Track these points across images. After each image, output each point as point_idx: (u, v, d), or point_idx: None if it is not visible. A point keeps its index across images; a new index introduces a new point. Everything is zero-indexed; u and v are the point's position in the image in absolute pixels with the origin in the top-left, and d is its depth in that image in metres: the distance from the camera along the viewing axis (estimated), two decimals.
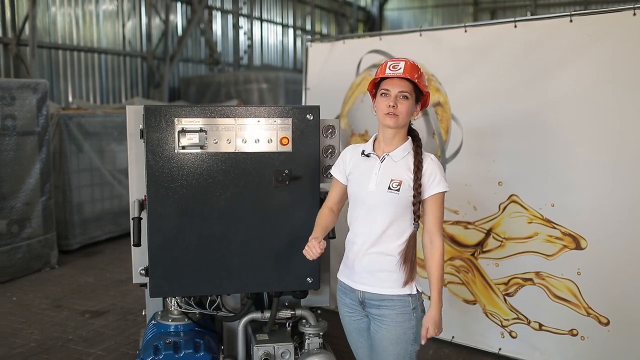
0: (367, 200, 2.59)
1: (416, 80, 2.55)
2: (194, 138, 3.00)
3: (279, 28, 19.28)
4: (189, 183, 3.04)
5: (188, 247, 3.09)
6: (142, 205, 3.19)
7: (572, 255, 4.05)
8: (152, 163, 3.01)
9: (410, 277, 2.58)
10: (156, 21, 13.80)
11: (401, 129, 2.60)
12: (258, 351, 3.29)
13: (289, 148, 3.11)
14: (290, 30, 19.94)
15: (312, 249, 2.56)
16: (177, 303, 3.43)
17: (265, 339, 3.37)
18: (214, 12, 16.07)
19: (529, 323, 4.31)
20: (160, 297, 3.52)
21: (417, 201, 2.54)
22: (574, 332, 4.10)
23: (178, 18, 14.67)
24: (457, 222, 4.58)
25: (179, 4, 14.63)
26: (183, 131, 3.00)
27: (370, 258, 2.61)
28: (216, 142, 3.04)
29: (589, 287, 4.01)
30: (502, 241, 4.36)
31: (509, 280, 4.36)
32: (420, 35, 4.72)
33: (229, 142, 3.06)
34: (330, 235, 3.34)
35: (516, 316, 4.36)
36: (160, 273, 3.10)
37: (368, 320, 2.71)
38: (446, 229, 4.64)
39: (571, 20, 3.98)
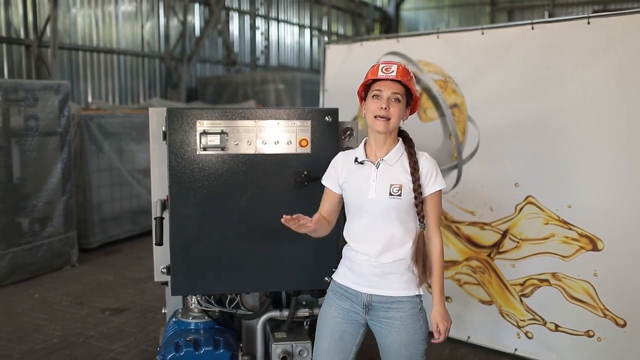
0: (370, 209, 2.55)
1: (408, 84, 2.53)
2: (215, 140, 3.06)
3: (296, 28, 19.35)
4: (210, 184, 3.11)
5: (209, 247, 3.15)
6: (164, 205, 3.26)
7: (588, 257, 4.06)
8: (175, 164, 3.08)
9: (423, 279, 2.57)
10: (174, 22, 13.93)
11: (392, 132, 2.57)
12: (276, 349, 3.35)
13: (307, 150, 3.17)
14: (307, 31, 20.00)
15: (299, 219, 2.47)
16: (197, 301, 3.49)
17: (283, 337, 3.42)
18: (231, 13, 16.18)
19: (545, 324, 4.33)
20: (181, 295, 3.59)
21: (420, 202, 2.53)
22: (591, 333, 4.12)
23: (196, 19, 14.78)
24: (473, 223, 4.61)
25: (196, 5, 14.75)
26: (205, 133, 3.07)
27: (381, 264, 2.56)
28: (237, 144, 3.11)
29: (605, 289, 4.03)
30: (518, 242, 4.38)
31: (525, 281, 4.38)
32: (438, 37, 4.76)
33: (249, 144, 3.12)
34: None
35: (532, 317, 4.38)
36: (181, 271, 3.17)
37: (360, 327, 2.66)
38: (462, 229, 4.67)
39: (589, 22, 4.00)
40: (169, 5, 13.59)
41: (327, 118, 3.18)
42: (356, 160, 2.61)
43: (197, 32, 14.80)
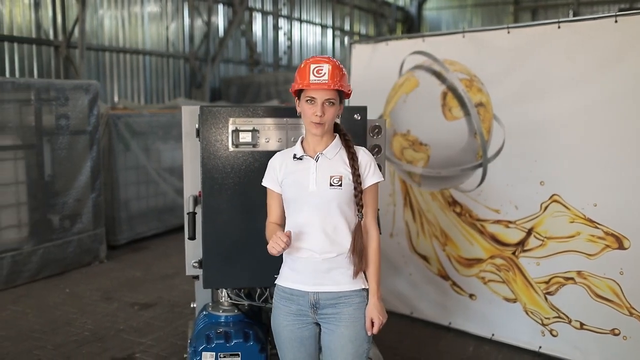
0: (310, 201, 2.52)
1: (341, 87, 2.49)
2: (247, 137, 3.14)
3: (318, 28, 19.44)
4: (242, 180, 3.19)
5: (240, 241, 3.23)
6: (196, 201, 3.35)
7: (614, 255, 4.08)
8: (207, 160, 3.16)
9: (359, 268, 2.54)
10: (198, 23, 14.09)
11: (328, 130, 2.57)
12: None
13: None
14: (329, 31, 20.08)
15: (278, 240, 2.41)
16: (227, 294, 3.58)
17: None
18: (254, 14, 16.31)
19: (570, 322, 4.35)
20: (212, 288, 3.68)
21: (359, 192, 2.52)
22: (616, 331, 4.13)
23: (220, 20, 14.94)
24: (497, 221, 4.64)
25: (220, 6, 14.90)
26: (236, 130, 3.15)
27: (325, 259, 2.53)
28: (267, 141, 3.18)
29: (631, 287, 4.04)
30: (543, 240, 4.41)
31: (550, 279, 4.40)
32: (463, 36, 4.80)
33: (280, 141, 3.19)
34: None
35: (557, 315, 4.40)
36: (213, 265, 3.25)
37: (314, 327, 2.62)
38: (487, 227, 4.70)
39: (616, 21, 4.02)
40: (194, 6, 13.76)
41: (356, 116, 3.24)
42: (294, 156, 2.60)
43: (221, 32, 14.95)
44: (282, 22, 17.51)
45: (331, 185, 2.51)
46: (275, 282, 2.69)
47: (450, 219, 4.94)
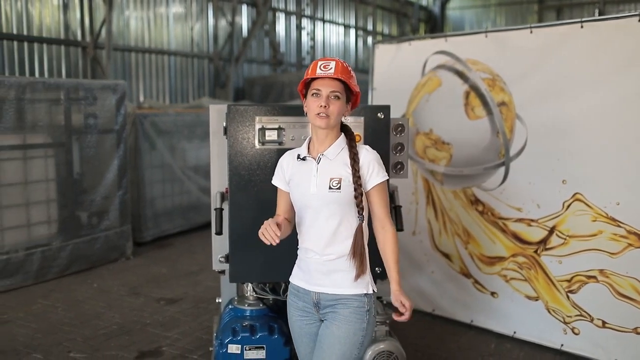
0: (311, 204, 2.53)
1: (347, 81, 2.50)
2: (273, 135, 3.23)
3: (341, 28, 19.48)
4: (267, 176, 3.25)
5: None
6: (223, 197, 3.44)
7: (637, 254, 4.08)
8: (234, 158, 3.25)
9: (361, 271, 2.53)
10: (222, 23, 14.23)
11: (333, 128, 2.55)
12: None
13: (360, 145, 3.29)
14: (352, 31, 20.11)
15: (269, 228, 2.41)
16: (252, 289, 3.66)
17: None
18: (277, 14, 16.41)
19: (592, 320, 4.36)
20: (237, 283, 3.77)
21: (359, 194, 2.49)
22: (638, 330, 4.14)
23: (243, 20, 15.06)
24: (520, 220, 4.67)
25: (244, 7, 15.03)
26: (263, 129, 3.23)
27: (325, 261, 2.54)
28: (293, 139, 3.26)
29: None
30: (565, 239, 4.43)
31: (572, 278, 4.42)
32: (486, 36, 4.83)
33: (305, 139, 3.26)
34: (397, 228, 3.52)
35: (579, 313, 4.41)
36: (239, 260, 3.35)
37: (320, 324, 2.64)
38: (509, 226, 4.73)
39: (639, 20, 4.02)
40: (218, 6, 13.90)
41: (379, 114, 3.31)
42: (298, 157, 2.61)
43: (245, 32, 15.07)
44: (305, 22, 17.60)
45: (330, 188, 2.49)
46: (289, 279, 2.75)
47: (473, 217, 4.98)
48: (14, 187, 6.26)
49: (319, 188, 2.51)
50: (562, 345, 4.52)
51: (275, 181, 2.72)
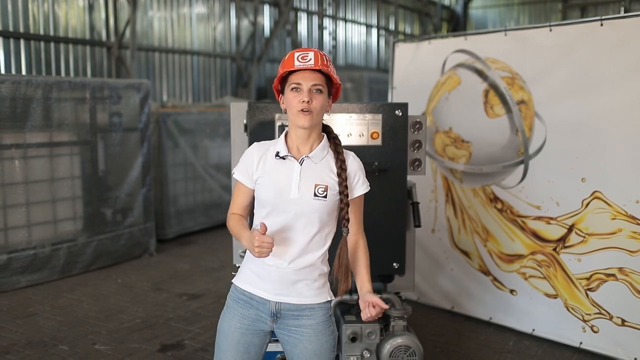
0: (290, 209, 2.29)
1: (329, 72, 2.29)
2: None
3: (363, 28, 19.51)
4: None
5: None
6: None
7: None
8: None
9: (346, 286, 2.38)
10: (245, 23, 14.35)
11: (316, 126, 2.34)
12: (346, 330, 3.54)
13: (379, 142, 3.35)
14: (374, 30, 20.13)
15: (265, 242, 2.15)
16: None
17: (353, 320, 3.61)
18: (299, 14, 16.50)
19: (611, 318, 4.36)
20: None
21: (346, 205, 2.33)
22: None
23: (265, 20, 15.17)
24: (539, 218, 4.68)
25: (266, 7, 15.14)
26: (282, 126, 3.30)
27: (294, 270, 2.34)
28: None
29: None
30: (584, 237, 4.43)
31: (591, 276, 4.42)
32: (505, 34, 4.85)
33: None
34: (415, 224, 3.57)
35: (598, 311, 4.41)
36: None
37: (265, 336, 2.45)
38: (528, 223, 4.74)
39: None
40: (240, 7, 14.02)
41: (397, 112, 3.36)
42: (277, 154, 2.35)
43: (267, 32, 15.18)
44: (327, 22, 17.66)
45: (315, 195, 2.29)
46: (233, 282, 2.49)
47: (492, 215, 4.99)
48: (41, 184, 6.41)
49: (301, 194, 2.29)
50: (581, 343, 4.52)
51: (237, 175, 2.42)
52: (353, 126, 3.34)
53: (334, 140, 2.40)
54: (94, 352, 4.58)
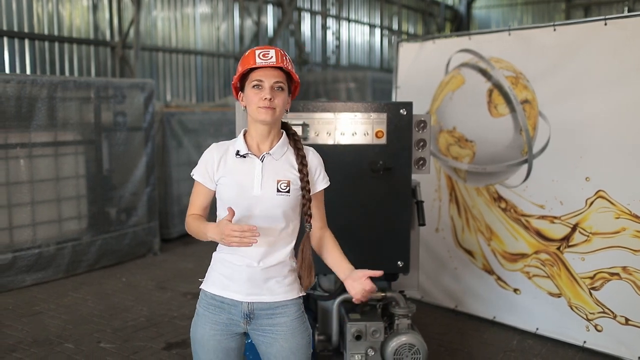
0: (253, 207, 2.30)
1: (289, 70, 2.31)
2: (297, 131, 3.29)
3: (366, 28, 19.52)
4: None
5: None
6: None
7: None
8: None
9: (309, 281, 2.41)
10: (248, 23, 14.37)
11: (276, 123, 2.35)
12: (351, 328, 3.55)
13: (383, 141, 3.37)
14: (377, 30, 20.14)
15: (246, 232, 2.13)
16: None
17: (357, 318, 3.62)
18: (303, 14, 16.52)
19: (615, 317, 4.36)
20: None
21: (308, 200, 2.35)
22: None
23: (269, 20, 15.20)
24: (542, 217, 4.69)
25: (270, 6, 15.16)
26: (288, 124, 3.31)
27: (263, 269, 2.34)
28: (317, 135, 3.34)
29: None
30: (588, 236, 4.43)
31: (594, 275, 4.43)
32: (509, 34, 4.85)
33: (329, 135, 3.35)
34: (420, 222, 3.58)
35: (602, 310, 4.42)
36: None
37: (241, 337, 2.44)
38: (532, 223, 4.75)
39: None
40: (244, 7, 14.05)
41: (402, 111, 3.37)
42: (237, 153, 2.34)
43: (270, 32, 15.21)
44: (330, 22, 17.68)
45: (278, 191, 2.30)
46: (202, 287, 2.47)
47: (495, 214, 5.00)
48: (45, 183, 6.44)
49: (264, 190, 2.30)
50: (584, 342, 4.53)
51: (197, 176, 2.41)
52: (358, 125, 3.36)
53: (292, 136, 2.42)
54: (100, 350, 4.61)
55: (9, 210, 6.12)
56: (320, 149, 3.32)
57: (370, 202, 3.41)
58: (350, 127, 3.36)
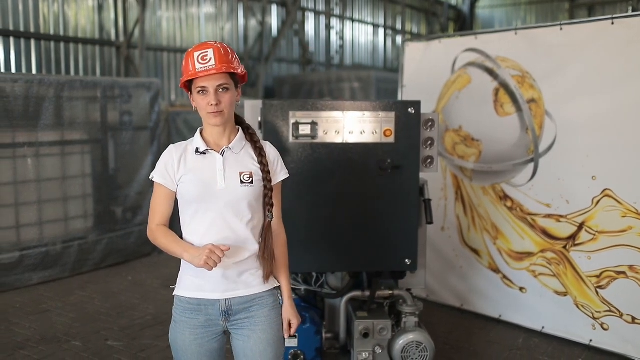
0: (219, 201, 2.29)
1: (232, 69, 2.28)
2: (306, 129, 3.33)
3: (370, 28, 19.53)
4: (301, 169, 3.37)
5: (299, 228, 3.41)
6: None
7: None
8: None
9: (270, 270, 2.41)
10: (252, 23, 14.40)
11: (229, 120, 2.35)
12: (359, 326, 3.57)
13: (391, 139, 3.39)
14: (381, 30, 20.15)
15: (214, 256, 2.16)
16: None
17: (365, 316, 3.64)
18: (307, 14, 16.53)
19: (621, 316, 4.37)
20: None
21: (269, 190, 2.37)
22: None
23: (273, 20, 15.22)
24: (549, 215, 4.70)
25: (274, 7, 15.18)
26: (297, 123, 3.33)
27: (236, 263, 2.34)
28: (326, 133, 3.36)
29: None
30: (594, 234, 4.44)
31: (601, 273, 4.44)
32: (516, 33, 4.86)
33: (337, 133, 3.36)
34: (427, 221, 3.60)
35: (608, 309, 4.43)
36: None
37: (223, 337, 2.43)
38: (538, 221, 4.76)
39: None
40: (248, 7, 14.07)
41: (410, 110, 3.39)
42: (197, 150, 2.34)
43: (275, 32, 15.23)
44: (334, 22, 17.69)
45: (242, 182, 2.31)
46: (175, 294, 2.46)
47: (501, 213, 5.01)
48: (52, 182, 6.47)
49: (228, 182, 2.30)
50: (590, 340, 4.54)
51: (158, 178, 2.36)
52: (366, 124, 3.37)
53: (247, 130, 2.45)
54: (107, 348, 4.63)
55: (16, 209, 6.15)
56: (329, 147, 3.37)
57: (378, 200, 3.42)
58: (358, 125, 3.38)
